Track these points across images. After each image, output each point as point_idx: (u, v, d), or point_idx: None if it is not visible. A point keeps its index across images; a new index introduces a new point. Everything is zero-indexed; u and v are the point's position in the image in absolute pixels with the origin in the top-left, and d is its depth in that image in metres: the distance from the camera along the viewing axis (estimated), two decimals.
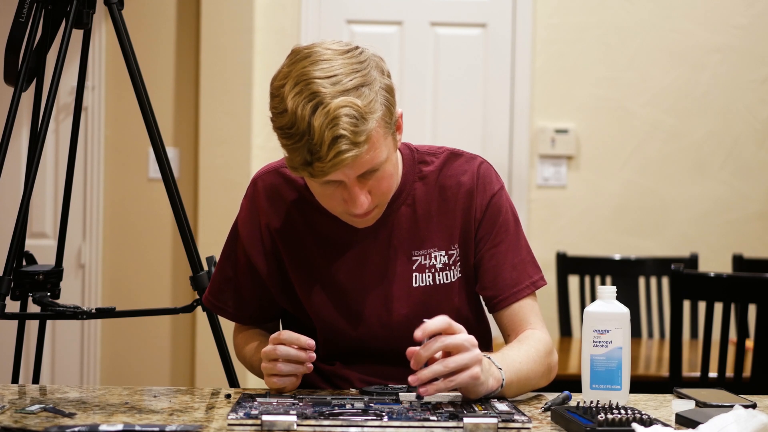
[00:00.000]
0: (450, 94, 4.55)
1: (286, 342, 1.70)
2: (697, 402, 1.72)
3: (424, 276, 1.84)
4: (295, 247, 1.86)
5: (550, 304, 4.03)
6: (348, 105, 1.60)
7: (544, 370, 1.82)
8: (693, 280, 2.73)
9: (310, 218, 1.85)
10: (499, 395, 1.70)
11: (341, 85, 1.61)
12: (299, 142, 1.61)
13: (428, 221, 1.85)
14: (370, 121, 1.62)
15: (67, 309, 2.31)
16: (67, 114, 4.32)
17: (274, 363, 1.71)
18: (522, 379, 1.74)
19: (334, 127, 1.59)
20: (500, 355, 1.75)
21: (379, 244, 1.84)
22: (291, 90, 1.62)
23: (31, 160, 2.35)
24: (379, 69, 1.69)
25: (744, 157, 4.56)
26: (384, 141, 1.68)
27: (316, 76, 1.61)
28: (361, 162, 1.65)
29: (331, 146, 1.60)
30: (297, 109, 1.60)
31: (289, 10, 4.49)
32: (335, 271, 1.84)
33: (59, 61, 2.34)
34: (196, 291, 2.43)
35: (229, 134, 4.38)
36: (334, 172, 1.64)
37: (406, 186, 1.85)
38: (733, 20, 4.55)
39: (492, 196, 1.86)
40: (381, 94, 1.66)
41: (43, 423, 1.53)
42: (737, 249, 4.26)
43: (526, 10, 4.53)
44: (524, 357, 1.76)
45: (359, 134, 1.61)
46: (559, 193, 4.56)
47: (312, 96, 1.60)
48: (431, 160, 1.88)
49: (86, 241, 4.40)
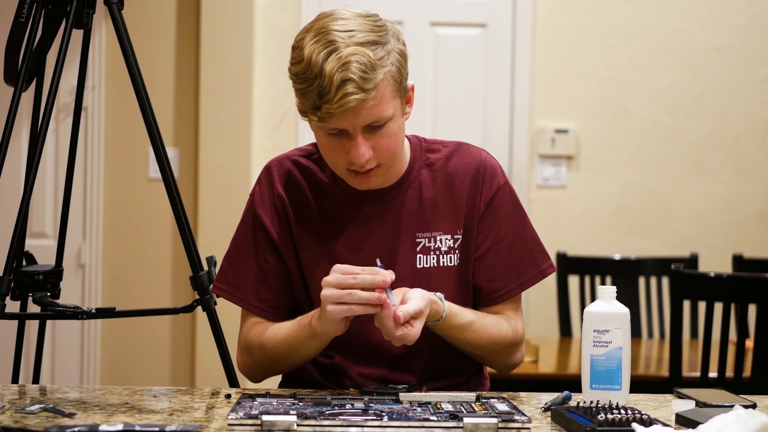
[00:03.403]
0: (450, 94, 4.55)
1: (364, 272, 1.69)
2: (697, 402, 1.72)
3: (429, 258, 1.89)
4: (304, 227, 1.90)
5: (550, 304, 4.03)
6: (359, 53, 1.70)
7: (499, 339, 1.88)
8: (693, 280, 2.73)
9: (319, 199, 1.91)
10: (445, 325, 1.80)
11: (356, 38, 1.72)
12: (311, 86, 1.70)
13: (434, 206, 1.90)
14: (379, 71, 1.72)
15: (67, 309, 2.31)
16: (67, 114, 4.32)
17: (347, 291, 1.67)
18: (466, 323, 1.83)
19: (344, 71, 1.69)
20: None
21: (384, 225, 1.89)
22: (310, 40, 1.73)
23: (31, 160, 2.35)
24: (396, 36, 1.79)
25: (744, 157, 4.56)
26: (392, 100, 1.76)
27: (334, 29, 1.72)
28: (366, 110, 1.72)
29: (339, 88, 1.69)
30: (312, 54, 1.71)
31: (289, 10, 4.49)
32: (340, 249, 1.88)
33: (59, 61, 2.34)
34: (196, 291, 2.43)
35: (229, 134, 4.38)
36: (340, 116, 1.71)
37: (413, 171, 1.91)
38: (733, 20, 4.55)
39: (497, 190, 1.92)
40: (393, 55, 1.76)
41: (43, 423, 1.53)
42: (737, 249, 4.26)
43: (526, 10, 4.53)
44: (478, 314, 1.87)
45: (367, 81, 1.70)
46: (559, 193, 4.56)
47: (328, 44, 1.71)
48: (439, 149, 1.95)
49: (86, 241, 4.40)
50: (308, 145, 1.96)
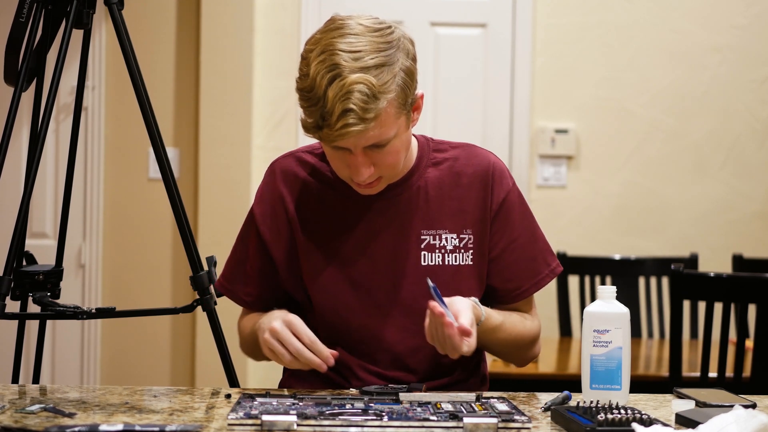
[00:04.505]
0: (450, 94, 4.55)
1: (305, 342, 1.75)
2: (697, 402, 1.72)
3: (434, 256, 1.90)
4: (307, 223, 1.92)
5: (550, 304, 4.03)
6: (363, 82, 1.68)
7: (525, 336, 1.95)
8: (693, 280, 2.73)
9: (323, 195, 1.92)
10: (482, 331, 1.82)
11: (362, 61, 1.70)
12: (314, 107, 1.71)
13: (440, 204, 1.91)
14: (381, 100, 1.71)
15: (67, 309, 2.31)
16: (67, 114, 4.32)
17: (283, 348, 1.74)
18: (498, 324, 1.88)
19: (346, 101, 1.68)
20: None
21: (389, 221, 1.90)
22: (316, 57, 1.71)
23: (31, 160, 2.35)
24: (405, 51, 1.78)
25: (744, 157, 4.56)
26: (395, 120, 1.76)
27: (341, 48, 1.70)
28: (367, 136, 1.73)
29: (339, 117, 1.69)
30: (317, 76, 1.70)
31: (289, 10, 4.49)
32: (344, 244, 1.89)
33: (59, 61, 2.34)
34: (196, 291, 2.43)
35: (229, 134, 4.38)
36: (340, 141, 1.73)
37: (419, 169, 1.93)
38: (732, 20, 4.55)
39: (508, 192, 1.94)
40: (399, 75, 1.75)
41: (43, 423, 1.53)
42: (737, 249, 4.26)
43: (526, 10, 4.53)
44: (503, 313, 1.92)
45: (368, 111, 1.69)
46: (559, 193, 4.56)
47: (332, 67, 1.69)
48: (446, 149, 1.97)
49: (86, 241, 4.40)
50: (315, 142, 1.97)
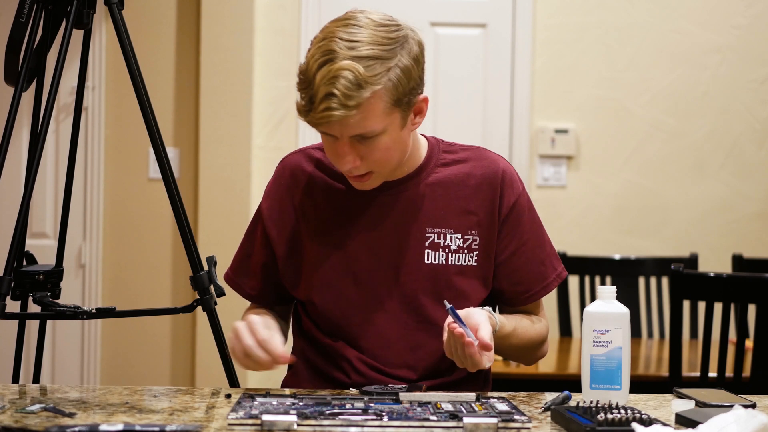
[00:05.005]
0: (450, 94, 4.55)
1: (260, 341, 1.73)
2: (697, 402, 1.72)
3: (437, 254, 1.90)
4: (313, 215, 1.93)
5: (550, 304, 4.03)
6: (350, 69, 1.69)
7: (536, 339, 1.97)
8: (693, 280, 2.73)
9: (329, 188, 1.93)
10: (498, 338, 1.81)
11: (356, 51, 1.71)
12: (304, 90, 1.73)
13: (446, 204, 1.91)
14: (366, 90, 1.70)
15: (67, 309, 2.31)
16: (67, 114, 4.32)
17: (239, 345, 1.74)
18: (511, 330, 1.89)
19: (330, 85, 1.69)
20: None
21: (394, 216, 1.90)
22: (317, 42, 1.74)
23: (31, 160, 2.35)
24: (407, 50, 1.77)
25: (744, 157, 4.56)
26: (383, 115, 1.75)
27: (340, 36, 1.72)
28: (350, 124, 1.73)
29: (322, 101, 1.70)
30: (311, 59, 1.73)
31: (289, 10, 4.49)
32: (348, 238, 1.90)
33: (59, 61, 2.34)
34: (196, 291, 2.43)
35: (229, 134, 4.38)
36: (324, 126, 1.74)
37: (427, 166, 1.93)
38: (732, 20, 4.55)
39: (518, 196, 1.94)
40: (394, 72, 1.73)
41: (44, 423, 1.53)
42: (737, 249, 4.26)
43: (526, 10, 4.53)
44: (515, 317, 1.94)
45: (350, 98, 1.70)
46: (559, 193, 4.56)
47: (327, 53, 1.71)
48: (456, 150, 1.97)
49: (86, 241, 4.40)
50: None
